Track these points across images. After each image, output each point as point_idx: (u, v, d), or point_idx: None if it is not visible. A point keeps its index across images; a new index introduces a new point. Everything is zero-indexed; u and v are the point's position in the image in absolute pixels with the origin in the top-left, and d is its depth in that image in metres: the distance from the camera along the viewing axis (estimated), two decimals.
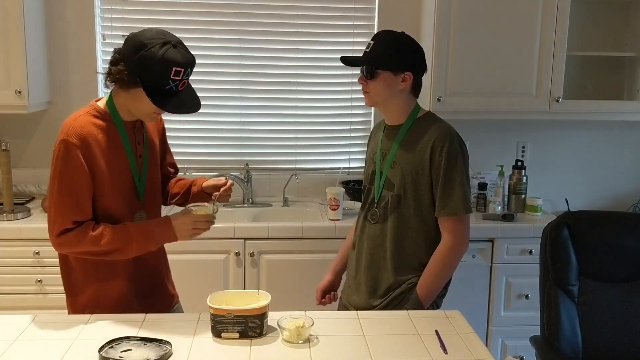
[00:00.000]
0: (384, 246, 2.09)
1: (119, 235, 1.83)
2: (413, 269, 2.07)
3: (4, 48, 2.89)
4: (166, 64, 1.73)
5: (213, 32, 3.34)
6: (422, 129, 2.05)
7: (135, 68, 1.75)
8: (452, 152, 1.99)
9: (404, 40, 2.05)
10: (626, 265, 2.22)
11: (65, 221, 1.81)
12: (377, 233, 2.11)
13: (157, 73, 1.74)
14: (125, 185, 1.91)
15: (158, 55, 1.73)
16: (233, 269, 2.93)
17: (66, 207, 1.81)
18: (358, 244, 2.20)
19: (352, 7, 3.37)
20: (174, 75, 1.75)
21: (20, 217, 2.91)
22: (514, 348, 3.08)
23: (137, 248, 1.86)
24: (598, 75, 3.41)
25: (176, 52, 1.76)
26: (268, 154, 3.49)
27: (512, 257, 3.03)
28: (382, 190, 2.10)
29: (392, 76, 2.02)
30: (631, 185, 3.58)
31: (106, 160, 1.85)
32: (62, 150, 1.80)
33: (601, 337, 2.18)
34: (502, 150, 3.46)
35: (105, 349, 1.60)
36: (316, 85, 3.44)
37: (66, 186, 1.81)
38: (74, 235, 1.81)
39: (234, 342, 1.69)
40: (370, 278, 2.12)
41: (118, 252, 1.85)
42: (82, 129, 1.82)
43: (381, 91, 2.04)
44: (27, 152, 3.31)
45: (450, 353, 1.65)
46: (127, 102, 1.86)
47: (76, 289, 1.94)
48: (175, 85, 1.77)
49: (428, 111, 2.14)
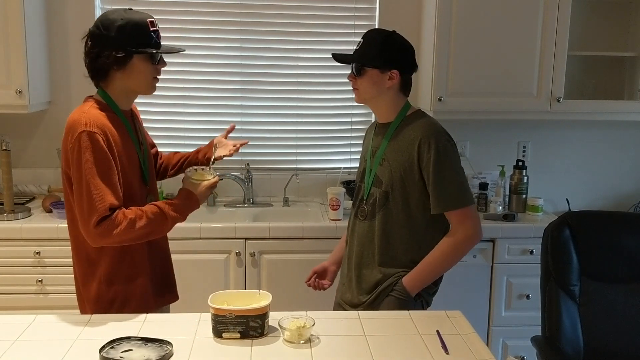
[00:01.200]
0: (372, 243, 2.11)
1: (153, 215, 1.87)
2: (400, 264, 2.08)
3: (5, 48, 2.89)
4: (140, 21, 1.87)
5: (213, 32, 3.33)
6: (409, 126, 2.07)
7: (119, 40, 1.85)
8: (440, 149, 2.00)
9: (392, 39, 2.08)
10: (627, 266, 2.21)
11: (102, 208, 1.78)
12: (366, 230, 2.13)
13: (140, 32, 1.87)
14: (136, 172, 1.97)
15: (131, 18, 1.86)
16: (234, 269, 2.93)
17: (100, 194, 1.79)
18: (349, 242, 2.22)
19: (352, 7, 3.36)
20: (152, 26, 1.89)
21: (21, 217, 2.91)
22: (515, 348, 3.08)
23: (171, 224, 1.92)
24: (599, 75, 3.40)
25: (137, 12, 1.91)
26: (269, 154, 3.49)
27: (513, 257, 3.03)
28: (371, 187, 2.12)
29: (379, 74, 2.06)
30: (632, 185, 3.58)
31: (121, 148, 1.89)
32: (86, 140, 1.79)
33: (602, 338, 2.18)
34: (503, 150, 3.46)
35: (106, 349, 1.59)
36: (317, 85, 3.44)
37: (100, 173, 1.80)
38: (110, 222, 1.79)
39: (235, 343, 1.68)
40: (359, 275, 2.14)
41: (154, 232, 1.90)
42: (97, 120, 1.85)
43: (368, 88, 2.07)
44: (27, 152, 3.31)
45: (451, 353, 1.65)
46: (124, 83, 1.92)
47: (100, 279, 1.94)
48: (157, 36, 1.91)
49: (418, 109, 2.15)
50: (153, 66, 1.92)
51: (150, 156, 2.11)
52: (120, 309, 1.93)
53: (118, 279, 1.94)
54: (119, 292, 1.94)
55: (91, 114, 1.86)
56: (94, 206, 1.77)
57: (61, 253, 2.74)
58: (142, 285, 1.98)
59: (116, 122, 1.92)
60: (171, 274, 2.17)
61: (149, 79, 1.94)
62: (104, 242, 1.83)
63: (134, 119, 2.04)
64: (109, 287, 1.93)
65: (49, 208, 2.97)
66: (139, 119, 2.13)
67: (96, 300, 1.94)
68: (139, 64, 1.89)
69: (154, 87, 1.98)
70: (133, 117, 2.04)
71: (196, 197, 1.97)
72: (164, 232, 1.96)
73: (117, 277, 1.94)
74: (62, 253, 2.71)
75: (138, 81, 1.93)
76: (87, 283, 1.95)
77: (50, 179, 3.28)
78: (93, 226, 1.78)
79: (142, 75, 1.91)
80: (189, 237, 2.85)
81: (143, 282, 1.98)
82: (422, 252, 2.06)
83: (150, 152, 2.12)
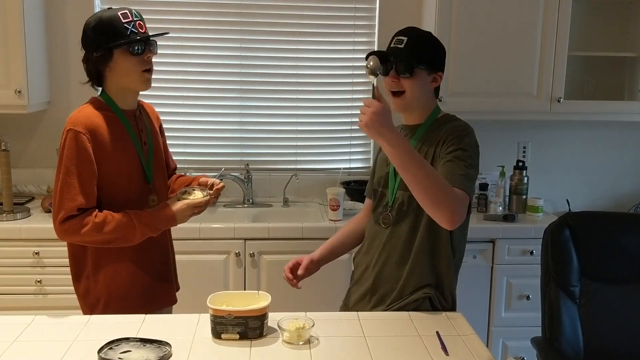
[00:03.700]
0: (396, 250, 1.98)
1: (122, 222, 1.87)
2: (425, 276, 1.94)
3: (4, 48, 2.89)
4: (110, 16, 1.88)
5: (213, 32, 3.33)
6: (439, 129, 1.96)
7: (95, 40, 1.87)
8: (465, 140, 1.88)
9: (436, 39, 1.99)
10: (627, 266, 2.21)
11: (70, 207, 1.84)
12: (390, 236, 2.00)
13: (111, 27, 1.86)
14: (135, 171, 1.97)
15: (101, 16, 1.89)
16: (233, 270, 2.93)
17: (71, 193, 1.84)
18: (367, 250, 2.08)
19: (352, 7, 3.36)
20: (124, 18, 1.88)
21: (20, 217, 2.91)
22: (515, 349, 3.08)
23: (140, 235, 1.91)
24: (599, 75, 3.40)
25: (112, 9, 1.92)
26: (268, 154, 3.48)
27: (513, 257, 3.02)
28: (397, 192, 1.99)
29: (427, 75, 1.94)
30: (632, 185, 3.57)
31: (113, 148, 1.90)
32: (69, 139, 1.85)
33: (602, 338, 2.17)
34: (503, 151, 3.45)
35: (105, 350, 1.59)
36: (317, 85, 3.44)
37: (72, 173, 1.85)
38: (77, 221, 1.84)
39: (234, 343, 1.68)
40: (379, 285, 2.01)
41: (121, 240, 1.89)
42: (87, 119, 1.88)
43: (417, 91, 1.93)
44: (27, 152, 3.31)
45: (451, 354, 1.65)
46: (116, 81, 1.93)
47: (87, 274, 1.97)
48: (133, 26, 1.89)
49: (448, 113, 2.06)
50: (136, 58, 1.90)
51: (160, 156, 2.10)
52: (105, 308, 1.95)
53: (103, 277, 1.96)
54: (103, 290, 1.96)
55: (82, 113, 1.89)
56: (63, 204, 1.84)
57: (60, 253, 2.71)
58: (128, 285, 1.98)
59: (113, 121, 1.93)
60: (169, 277, 2.14)
61: (137, 72, 1.92)
62: (69, 239, 1.90)
63: (137, 119, 2.02)
64: (95, 284, 1.96)
65: (48, 208, 2.96)
66: (151, 119, 2.11)
67: (84, 297, 1.99)
68: (120, 59, 1.89)
69: (145, 81, 1.95)
70: (138, 117, 2.03)
71: (172, 212, 1.95)
72: (133, 241, 1.91)
73: (101, 275, 1.96)
74: (61, 253, 2.66)
75: (126, 77, 1.92)
76: (76, 280, 2.01)
77: (50, 179, 3.26)
78: (59, 222, 1.85)
79: (128, 70, 1.90)
80: (188, 237, 2.84)
81: (131, 281, 1.98)
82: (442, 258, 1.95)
83: (160, 152, 2.10)
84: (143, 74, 1.93)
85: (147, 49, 1.93)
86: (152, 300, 2.04)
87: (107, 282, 1.96)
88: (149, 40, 1.94)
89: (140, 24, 1.92)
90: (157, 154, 2.08)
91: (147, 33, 1.94)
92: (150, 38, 1.94)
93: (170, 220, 1.96)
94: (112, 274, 1.96)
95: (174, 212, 1.95)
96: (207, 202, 2.01)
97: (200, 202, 1.99)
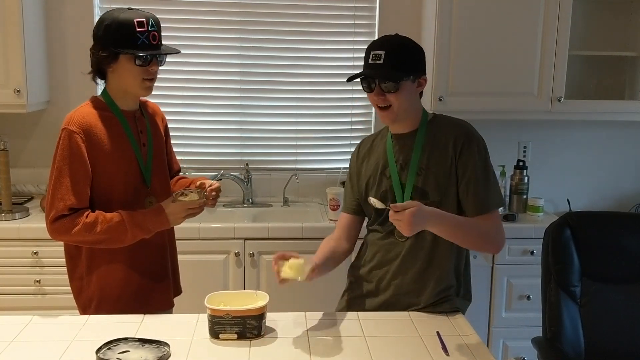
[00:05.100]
0: (419, 260, 1.94)
1: (113, 223, 1.86)
2: (449, 279, 1.94)
3: (3, 47, 2.88)
4: (126, 20, 1.83)
5: (213, 32, 3.32)
6: (438, 130, 1.96)
7: (104, 40, 1.85)
8: (480, 148, 1.91)
9: (411, 43, 1.93)
10: (628, 266, 2.20)
11: (61, 207, 1.84)
12: (411, 248, 1.95)
13: (123, 32, 1.83)
14: (132, 173, 1.96)
15: (117, 17, 1.84)
16: (233, 270, 2.92)
17: (63, 193, 1.84)
18: (379, 264, 2.02)
19: (352, 7, 3.35)
20: (139, 27, 1.84)
21: (19, 217, 2.90)
22: (515, 349, 3.07)
23: (131, 236, 1.89)
24: (600, 75, 3.40)
25: (132, 11, 1.87)
26: (268, 154, 3.48)
27: (514, 257, 3.01)
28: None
29: (411, 83, 1.90)
30: (633, 185, 3.56)
31: (109, 148, 1.89)
32: (63, 138, 1.86)
33: (603, 339, 2.17)
34: (503, 151, 3.44)
35: (103, 351, 1.58)
36: (316, 85, 3.43)
37: (64, 172, 1.85)
38: (68, 221, 1.84)
39: (233, 343, 1.67)
40: (401, 295, 1.97)
41: (112, 240, 1.88)
42: (82, 119, 1.87)
43: (405, 102, 1.89)
44: (25, 152, 3.30)
45: (451, 354, 1.64)
46: (117, 83, 1.92)
47: (81, 275, 1.97)
48: (146, 37, 1.85)
49: (434, 113, 2.05)
50: (140, 68, 1.87)
51: (161, 158, 2.08)
52: (97, 310, 1.94)
53: (96, 277, 1.95)
54: (96, 291, 1.95)
55: (78, 113, 1.89)
56: (55, 203, 1.84)
57: (59, 253, 2.67)
58: (121, 287, 1.96)
59: (110, 121, 1.92)
60: (165, 280, 2.10)
61: (138, 80, 1.89)
62: (59, 239, 1.90)
63: (137, 120, 2.00)
64: (89, 284, 1.96)
65: None
66: (155, 120, 2.09)
67: (78, 297, 2.00)
68: (125, 64, 1.87)
69: (145, 88, 1.93)
70: (138, 118, 2.00)
71: (165, 213, 1.92)
72: (124, 242, 1.89)
73: (94, 275, 1.95)
74: (60, 253, 2.64)
75: (127, 81, 1.91)
76: (71, 279, 2.01)
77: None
78: (50, 221, 1.85)
79: (130, 75, 1.89)
80: (188, 237, 2.83)
81: (124, 283, 1.97)
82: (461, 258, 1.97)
83: (161, 154, 2.08)
84: (144, 82, 1.91)
85: (153, 62, 1.90)
86: (146, 303, 2.00)
87: (100, 283, 1.95)
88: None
89: (155, 35, 1.88)
90: (158, 156, 2.06)
91: (159, 44, 1.90)
92: (158, 56, 1.90)
93: (163, 221, 1.93)
94: (104, 274, 1.95)
95: (167, 214, 1.92)
96: (202, 205, 1.97)
97: (194, 204, 1.95)
